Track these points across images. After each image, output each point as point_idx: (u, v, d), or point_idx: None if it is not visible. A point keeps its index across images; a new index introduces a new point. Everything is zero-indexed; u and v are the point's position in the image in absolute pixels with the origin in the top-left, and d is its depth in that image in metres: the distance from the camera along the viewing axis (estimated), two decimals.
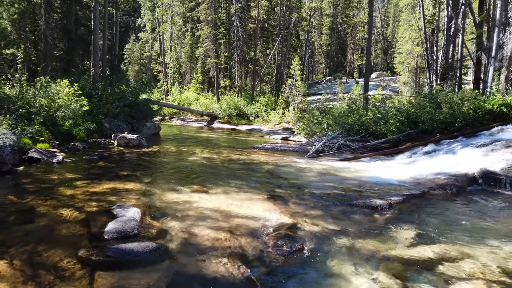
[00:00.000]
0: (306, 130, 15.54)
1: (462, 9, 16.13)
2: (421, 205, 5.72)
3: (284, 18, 31.22)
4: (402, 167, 8.79)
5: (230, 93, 32.00)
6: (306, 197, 5.84)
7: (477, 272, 3.35)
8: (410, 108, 12.12)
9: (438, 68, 18.01)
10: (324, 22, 46.27)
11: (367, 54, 16.79)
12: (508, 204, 5.88)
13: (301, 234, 4.13)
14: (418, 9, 20.28)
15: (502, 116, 10.21)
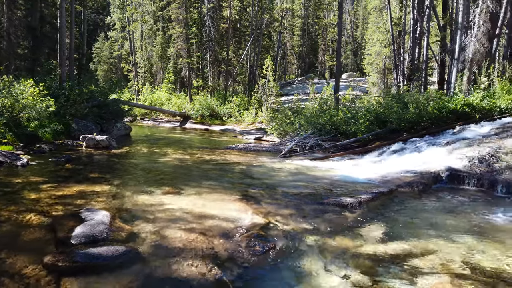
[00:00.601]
0: (279, 130, 15.66)
1: (427, 12, 16.75)
2: (389, 202, 5.90)
3: (256, 18, 31.33)
4: (372, 165, 9.02)
5: (203, 93, 31.79)
6: (279, 197, 5.89)
7: (441, 266, 3.49)
8: (378, 108, 12.46)
9: (405, 69, 18.64)
10: (295, 23, 46.80)
11: (337, 55, 17.13)
12: (470, 200, 6.16)
13: (273, 234, 4.16)
14: (385, 12, 20.93)
15: (465, 116, 10.68)
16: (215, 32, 31.67)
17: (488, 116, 10.39)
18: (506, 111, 10.34)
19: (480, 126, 9.82)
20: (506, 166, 6.91)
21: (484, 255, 3.74)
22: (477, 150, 7.74)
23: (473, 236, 4.33)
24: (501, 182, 6.58)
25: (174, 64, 36.95)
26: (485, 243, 4.10)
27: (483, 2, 12.17)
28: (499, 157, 7.25)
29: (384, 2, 22.30)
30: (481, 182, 6.85)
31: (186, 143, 14.62)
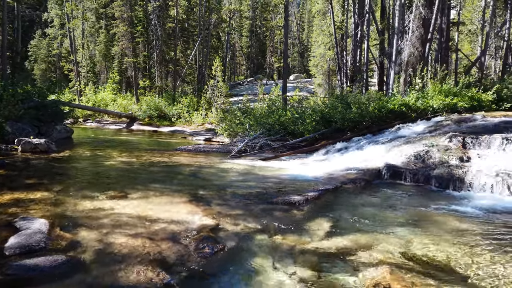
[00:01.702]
0: (228, 131, 15.66)
1: (367, 17, 17.67)
2: (334, 198, 6.15)
3: (203, 18, 31.07)
4: (318, 164, 9.33)
5: (150, 94, 30.91)
6: (229, 198, 5.90)
7: (381, 257, 3.68)
8: (324, 109, 12.91)
9: (348, 71, 19.52)
10: (243, 24, 47.10)
11: (284, 57, 17.50)
12: (408, 194, 6.59)
13: (223, 235, 4.17)
14: (329, 16, 21.74)
15: (402, 115, 11.41)
16: (162, 31, 30.94)
17: (422, 115, 11.19)
18: (438, 110, 11.21)
19: (415, 124, 10.55)
20: (438, 162, 7.48)
21: (419, 246, 4.01)
22: (413, 148, 8.29)
23: (410, 228, 4.64)
24: (434, 177, 7.11)
25: (119, 64, 35.54)
26: (420, 234, 4.40)
27: (416, 9, 13.09)
28: (433, 153, 7.83)
29: (327, 6, 23.14)
30: (416, 177, 7.34)
31: (133, 145, 14.14)
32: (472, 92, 11.65)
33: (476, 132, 8.46)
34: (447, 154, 7.62)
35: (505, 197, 6.09)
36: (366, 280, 3.22)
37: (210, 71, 27.18)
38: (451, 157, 7.48)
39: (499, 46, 21.43)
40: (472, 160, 7.37)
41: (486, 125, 9.12)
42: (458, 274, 3.34)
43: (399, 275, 3.26)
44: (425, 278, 3.23)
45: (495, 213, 5.28)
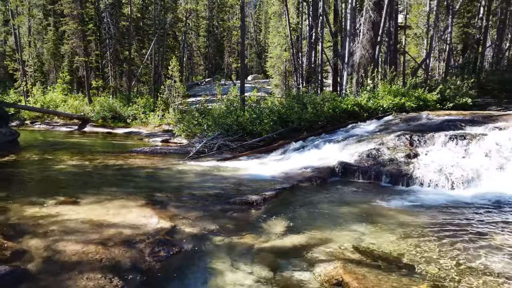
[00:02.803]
0: (186, 132, 15.44)
1: (321, 20, 18.17)
2: (291, 197, 6.26)
3: (159, 17, 30.41)
4: (276, 163, 9.47)
5: (103, 94, 29.75)
6: (186, 199, 5.83)
7: (336, 252, 3.81)
8: (281, 109, 13.11)
9: (304, 72, 19.96)
10: (201, 24, 46.68)
11: (241, 58, 17.56)
12: (360, 191, 6.86)
13: (179, 237, 4.12)
14: (284, 18, 22.12)
15: (355, 114, 11.86)
16: (115, 29, 29.87)
17: (374, 115, 11.70)
18: (388, 110, 11.77)
19: (367, 123, 11.01)
20: (388, 159, 7.86)
21: (371, 239, 4.19)
22: (365, 146, 8.65)
23: (362, 223, 4.83)
24: (385, 174, 7.46)
25: (69, 63, 33.89)
26: (372, 228, 4.60)
27: (366, 12, 13.66)
28: (383, 151, 8.21)
29: (282, 8, 23.51)
30: (368, 174, 7.66)
31: (86, 148, 13.55)
32: (418, 93, 12.35)
33: (422, 130, 8.97)
34: (396, 152, 8.03)
35: (448, 191, 6.52)
36: (321, 275, 3.33)
37: (167, 71, 26.67)
38: (399, 155, 7.89)
39: (443, 49, 22.90)
40: (419, 157, 7.82)
41: (431, 124, 9.70)
42: (406, 265, 3.52)
43: (351, 268, 3.38)
44: (376, 270, 3.38)
45: (439, 206, 5.63)
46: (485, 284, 3.10)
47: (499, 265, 3.43)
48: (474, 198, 6.03)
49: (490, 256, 3.64)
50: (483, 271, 3.34)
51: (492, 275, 3.24)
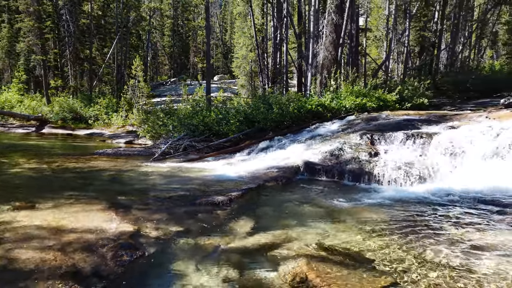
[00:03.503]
0: (151, 133, 15.17)
1: (285, 21, 18.42)
2: (257, 197, 6.33)
3: (121, 16, 29.60)
4: (242, 163, 9.50)
5: (63, 94, 28.59)
6: (151, 202, 5.74)
7: (300, 250, 3.88)
8: (247, 109, 13.16)
9: (269, 73, 20.16)
10: (165, 23, 45.86)
11: (207, 58, 17.47)
12: (324, 189, 7.03)
13: (143, 241, 4.05)
14: (249, 18, 22.21)
15: (319, 115, 12.13)
16: (75, 27, 28.80)
17: (337, 115, 12.02)
18: (350, 110, 12.13)
19: (331, 123, 11.29)
20: (350, 158, 8.10)
21: (334, 237, 4.31)
22: (328, 145, 8.87)
23: (326, 220, 4.96)
24: (348, 172, 7.69)
25: (25, 61, 32.32)
26: (335, 226, 4.74)
27: (328, 15, 14.01)
28: (345, 150, 8.46)
29: (247, 9, 23.60)
30: (332, 172, 7.87)
31: (44, 151, 12.96)
32: (379, 93, 12.82)
33: (382, 129, 9.31)
34: (358, 151, 8.30)
35: (407, 188, 6.82)
36: (285, 273, 3.39)
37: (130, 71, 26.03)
38: (361, 153, 8.16)
39: (401, 51, 23.89)
40: (379, 155, 8.12)
41: (390, 123, 10.09)
42: (367, 260, 3.64)
43: (315, 265, 3.46)
44: (338, 267, 3.47)
45: (398, 203, 5.87)
46: (443, 277, 3.26)
47: (455, 259, 3.61)
48: (431, 194, 6.33)
49: (447, 250, 3.84)
50: (441, 264, 3.50)
51: (449, 268, 3.40)
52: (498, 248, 3.83)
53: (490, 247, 3.87)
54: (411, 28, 21.17)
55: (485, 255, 3.67)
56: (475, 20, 23.19)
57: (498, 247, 3.84)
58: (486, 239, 4.09)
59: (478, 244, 3.95)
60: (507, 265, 3.42)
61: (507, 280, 3.15)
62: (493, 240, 4.06)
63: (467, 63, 22.52)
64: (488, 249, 3.80)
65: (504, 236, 4.18)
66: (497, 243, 3.97)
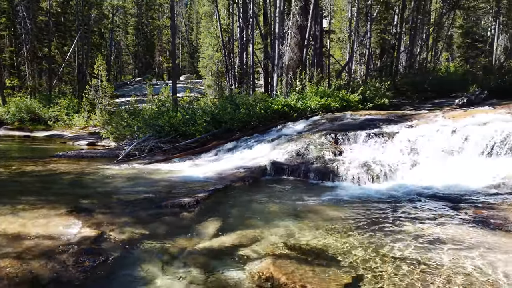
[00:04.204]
0: (115, 134, 14.78)
1: (251, 22, 18.51)
2: (224, 197, 6.32)
3: (82, 13, 28.59)
4: (209, 164, 9.48)
5: (20, 94, 27.23)
6: (115, 205, 5.60)
7: (267, 250, 3.92)
8: (214, 109, 13.14)
9: (236, 73, 20.18)
10: (129, 21, 44.71)
11: (172, 57, 17.24)
12: (291, 188, 7.15)
13: (106, 245, 3.96)
14: (215, 18, 22.12)
15: (286, 115, 12.31)
16: (32, 25, 27.50)
17: (302, 115, 12.24)
18: (315, 110, 12.39)
19: (297, 123, 11.50)
20: (315, 157, 8.29)
21: (300, 235, 4.39)
22: (294, 145, 9.03)
23: (292, 219, 5.05)
24: (313, 171, 7.85)
25: None
26: (300, 224, 4.83)
27: (293, 17, 14.23)
28: (311, 149, 8.64)
29: (213, 9, 23.50)
30: (298, 172, 8.02)
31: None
32: (342, 94, 13.18)
33: (346, 129, 9.60)
34: (323, 150, 8.50)
35: (369, 185, 7.07)
36: (252, 273, 3.41)
37: (93, 70, 25.21)
38: (326, 152, 8.37)
39: (363, 53, 24.67)
40: (343, 154, 8.37)
41: (353, 123, 10.42)
42: (332, 257, 3.74)
43: (281, 264, 3.52)
44: (304, 265, 3.54)
45: (360, 200, 6.08)
46: (403, 271, 3.41)
47: (414, 253, 3.78)
48: (392, 190, 6.61)
49: (406, 245, 4.01)
50: (400, 259, 3.66)
51: (409, 263, 3.56)
52: (454, 242, 4.06)
53: (447, 241, 4.09)
54: (373, 31, 21.91)
55: (442, 249, 3.88)
56: (432, 23, 24.31)
57: (454, 241, 4.07)
58: (443, 234, 4.32)
59: (436, 239, 4.16)
60: (462, 259, 3.62)
61: (463, 272, 3.35)
62: (449, 234, 4.30)
63: (425, 65, 23.61)
64: (445, 243, 4.02)
65: (459, 230, 4.44)
66: (452, 237, 4.21)
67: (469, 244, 3.98)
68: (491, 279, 3.21)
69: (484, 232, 4.33)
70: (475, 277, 3.24)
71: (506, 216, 4.76)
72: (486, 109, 10.56)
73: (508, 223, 4.48)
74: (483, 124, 7.97)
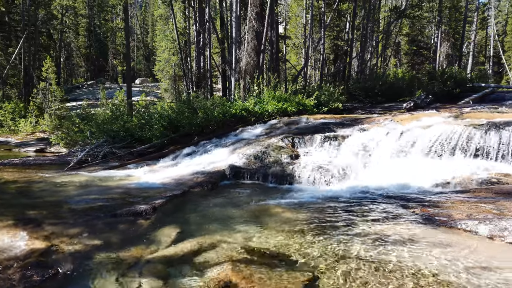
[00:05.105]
0: (66, 140, 14.10)
1: (208, 26, 18.47)
2: (182, 203, 6.25)
3: (28, 13, 27.04)
4: (167, 169, 9.31)
5: None
6: (65, 215, 5.36)
7: (225, 255, 3.94)
8: (171, 114, 12.92)
9: (193, 77, 20.00)
10: (80, 22, 42.84)
11: (126, 60, 16.78)
12: (249, 192, 7.19)
13: (57, 258, 3.78)
14: (171, 21, 21.81)
15: (244, 119, 12.39)
16: None
17: (260, 119, 12.38)
18: (272, 114, 12.58)
19: (255, 127, 11.61)
20: (273, 161, 8.42)
21: (258, 239, 4.44)
22: (253, 149, 9.11)
23: (250, 223, 5.09)
24: (271, 175, 7.97)
25: None
26: (259, 227, 4.88)
27: (250, 22, 14.38)
28: (269, 153, 8.76)
29: (169, 12, 23.17)
30: (257, 175, 8.10)
31: None
32: (299, 98, 13.49)
33: (302, 132, 9.83)
34: (280, 153, 8.66)
35: (325, 187, 7.29)
36: (210, 279, 3.41)
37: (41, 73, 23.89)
38: (283, 156, 8.53)
39: (318, 58, 25.42)
40: (300, 157, 8.57)
41: (309, 126, 10.70)
42: (289, 260, 3.82)
43: (240, 269, 3.54)
44: (262, 268, 3.59)
45: (316, 202, 6.25)
46: (357, 269, 3.55)
47: (367, 252, 3.95)
48: (345, 192, 6.86)
49: (360, 243, 4.18)
50: (355, 257, 3.81)
51: (363, 261, 3.72)
52: (404, 239, 4.29)
53: (397, 239, 4.32)
54: (326, 37, 22.64)
55: (393, 246, 4.08)
56: (381, 31, 25.57)
57: (404, 239, 4.31)
58: (394, 232, 4.56)
59: (387, 237, 4.38)
60: (411, 255, 3.84)
61: (411, 268, 3.56)
62: (399, 232, 4.53)
63: (375, 70, 24.75)
64: (396, 241, 4.24)
65: (408, 228, 4.70)
66: (402, 235, 4.44)
67: (417, 241, 4.23)
68: (436, 273, 3.45)
69: (430, 229, 4.62)
70: (421, 272, 3.46)
71: (449, 213, 5.11)
72: (430, 112, 11.28)
73: (451, 220, 4.81)
74: (428, 127, 8.50)
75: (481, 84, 18.37)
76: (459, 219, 4.78)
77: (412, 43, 31.29)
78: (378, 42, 25.48)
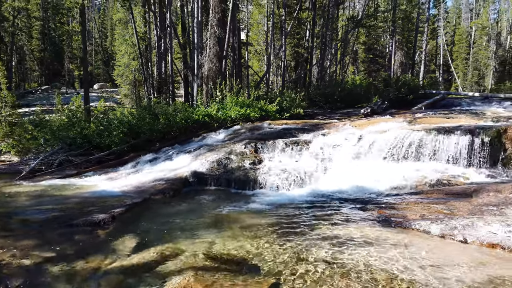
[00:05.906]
0: (17, 147, 13.34)
1: (169, 31, 18.25)
2: (143, 212, 6.10)
3: None
4: (127, 177, 9.04)
5: None
6: (16, 227, 5.08)
7: (188, 263, 3.89)
8: (132, 120, 12.59)
9: (154, 82, 19.63)
10: (33, 25, 40.81)
11: (84, 64, 16.23)
12: (212, 198, 7.16)
13: (6, 273, 3.57)
14: (131, 26, 21.34)
15: (206, 125, 12.32)
16: None
17: (223, 125, 12.37)
18: (235, 119, 12.61)
19: (218, 133, 11.58)
20: (236, 167, 8.42)
21: (220, 245, 4.42)
22: (215, 155, 9.07)
23: (213, 230, 5.06)
24: (234, 180, 7.97)
25: None
26: (221, 234, 4.86)
27: (211, 27, 14.38)
28: (232, 159, 8.76)
29: (128, 16, 22.67)
30: (220, 181, 8.07)
31: None
32: (261, 104, 13.62)
33: (265, 138, 9.92)
34: (244, 159, 8.69)
35: (287, 192, 7.40)
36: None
37: None
38: (246, 161, 8.56)
39: (279, 65, 25.82)
40: (263, 163, 8.64)
41: (272, 132, 10.82)
42: (252, 265, 3.84)
43: (202, 276, 3.52)
44: (225, 274, 3.59)
45: (278, 206, 6.33)
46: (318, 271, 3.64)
47: (327, 254, 4.06)
48: (307, 196, 7.00)
49: (320, 246, 4.28)
50: (316, 260, 3.90)
51: (323, 263, 3.81)
52: (362, 241, 4.45)
53: (356, 240, 4.46)
54: (287, 44, 23.06)
55: (353, 248, 4.22)
56: (339, 39, 26.43)
57: (363, 240, 4.46)
58: (353, 234, 4.71)
59: (347, 239, 4.51)
60: (369, 255, 3.99)
61: (369, 268, 3.69)
62: (358, 234, 4.69)
63: (335, 77, 25.50)
64: (355, 243, 4.38)
65: (366, 229, 4.87)
66: (361, 236, 4.60)
67: (375, 241, 4.40)
68: (393, 272, 3.60)
69: (387, 230, 4.82)
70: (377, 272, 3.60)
71: (404, 214, 5.35)
72: (386, 118, 11.78)
73: (406, 221, 5.05)
74: (384, 132, 8.87)
75: (432, 91, 19.51)
76: (413, 220, 5.02)
77: (368, 51, 32.60)
78: (337, 50, 26.30)
